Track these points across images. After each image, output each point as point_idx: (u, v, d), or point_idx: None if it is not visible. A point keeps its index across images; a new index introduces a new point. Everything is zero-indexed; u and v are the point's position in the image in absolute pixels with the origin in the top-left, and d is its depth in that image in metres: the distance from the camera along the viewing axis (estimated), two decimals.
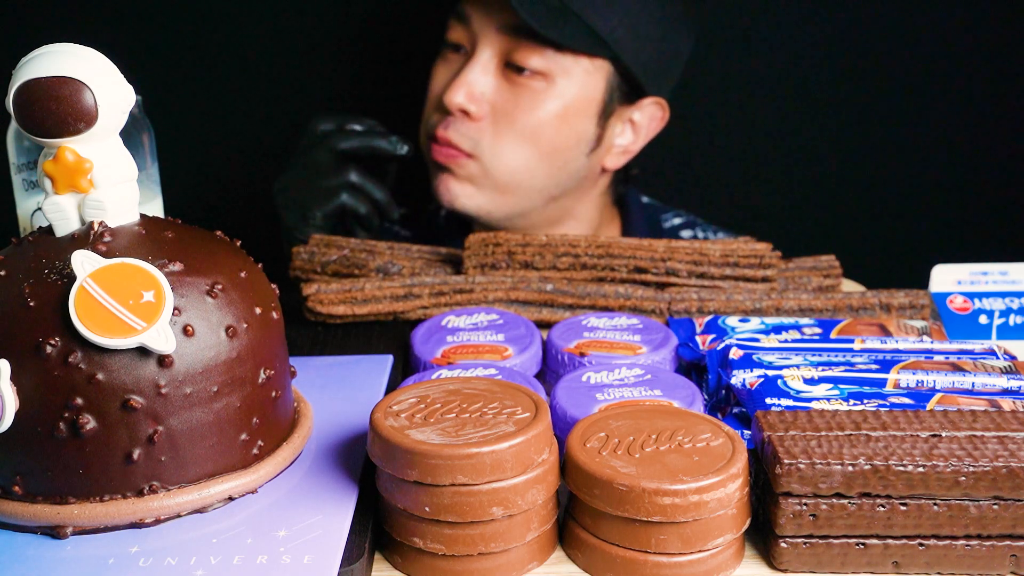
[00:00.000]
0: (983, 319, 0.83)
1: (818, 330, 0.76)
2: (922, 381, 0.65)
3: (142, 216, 0.58)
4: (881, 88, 1.37)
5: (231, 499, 0.56)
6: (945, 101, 1.37)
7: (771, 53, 1.36)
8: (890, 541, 0.53)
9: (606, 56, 1.05)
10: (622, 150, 1.13)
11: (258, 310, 0.58)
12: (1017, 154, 1.38)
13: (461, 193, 1.08)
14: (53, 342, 0.52)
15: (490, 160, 1.06)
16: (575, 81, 1.05)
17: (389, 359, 0.75)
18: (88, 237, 0.55)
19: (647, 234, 1.20)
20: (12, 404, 0.52)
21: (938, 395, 0.63)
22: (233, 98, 1.39)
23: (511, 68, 1.04)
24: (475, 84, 1.04)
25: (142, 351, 0.52)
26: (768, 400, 0.62)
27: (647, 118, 1.12)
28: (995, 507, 0.52)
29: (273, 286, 0.62)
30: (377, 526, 0.56)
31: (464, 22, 1.05)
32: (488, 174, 1.07)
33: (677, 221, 1.25)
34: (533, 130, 1.05)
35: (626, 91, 1.08)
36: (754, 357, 0.68)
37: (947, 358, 0.68)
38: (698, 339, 0.75)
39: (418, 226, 1.28)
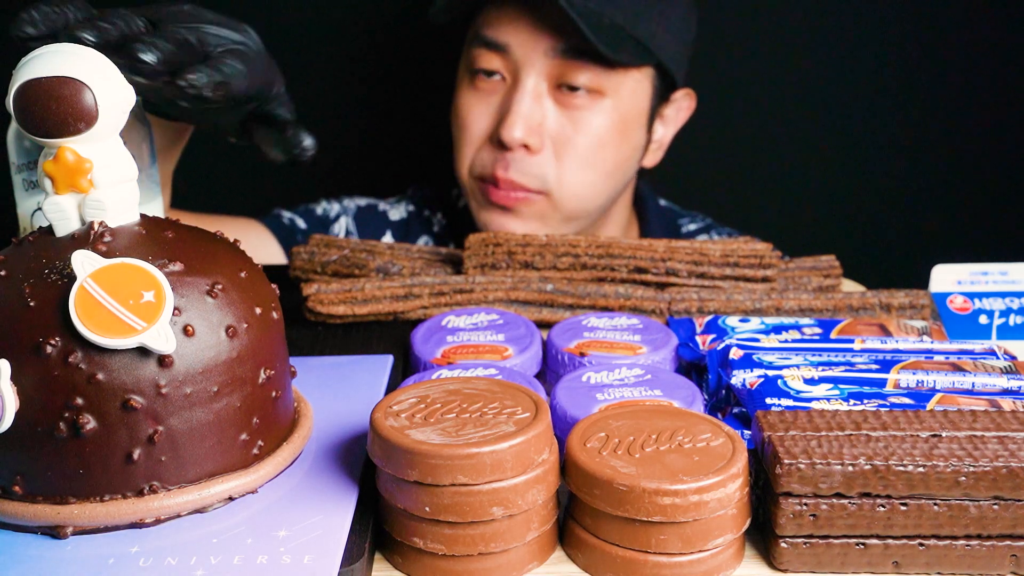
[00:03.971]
0: (983, 319, 0.83)
1: (818, 330, 0.76)
2: (922, 381, 0.65)
3: (142, 216, 0.58)
4: (881, 88, 1.37)
5: (231, 499, 0.56)
6: (945, 101, 1.37)
7: (771, 53, 1.36)
8: (890, 541, 0.53)
9: (651, 63, 1.04)
10: (657, 146, 1.13)
11: (258, 310, 0.58)
12: (1017, 154, 1.38)
13: (524, 231, 1.05)
14: (53, 342, 0.52)
15: (560, 194, 1.04)
16: (626, 94, 1.03)
17: (389, 359, 0.75)
18: (88, 237, 0.55)
19: (663, 228, 1.20)
20: (12, 404, 0.52)
21: (938, 395, 0.63)
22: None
23: (561, 90, 1.01)
24: (531, 115, 1.01)
25: (142, 351, 0.52)
26: (768, 400, 0.62)
27: (676, 110, 1.13)
28: (995, 507, 0.52)
29: (273, 286, 0.62)
30: (377, 526, 0.56)
31: (500, 50, 1.02)
32: (558, 207, 1.05)
33: (693, 227, 1.25)
34: (595, 152, 1.03)
35: (662, 91, 1.08)
36: (754, 357, 0.68)
37: (947, 358, 0.68)
38: (698, 339, 0.75)
39: (443, 207, 1.26)
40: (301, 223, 1.21)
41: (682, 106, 1.13)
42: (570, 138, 1.02)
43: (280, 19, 1.36)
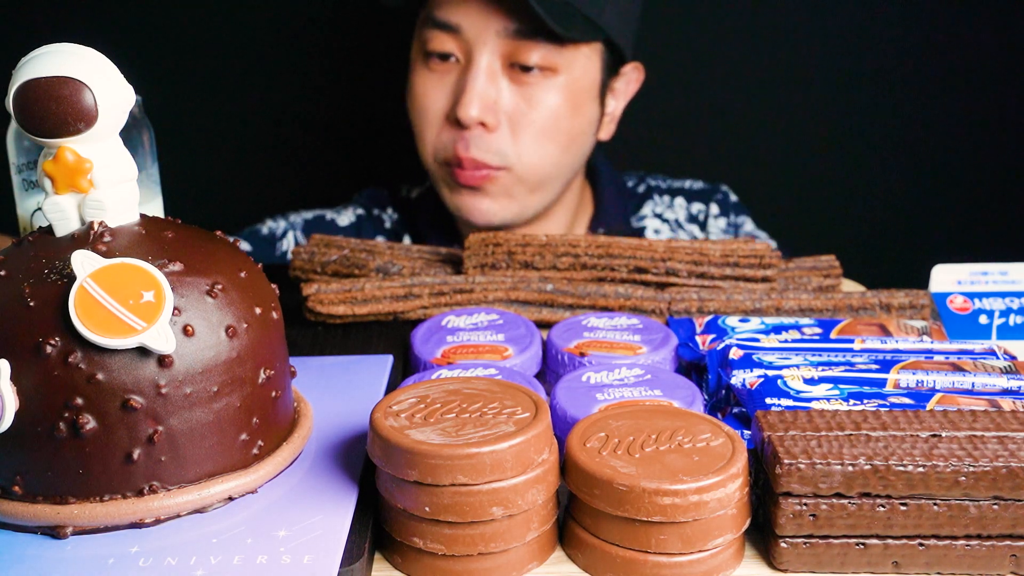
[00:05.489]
0: (983, 319, 0.83)
1: (818, 330, 0.76)
2: (922, 381, 0.65)
3: (142, 216, 0.58)
4: (882, 88, 1.37)
5: (231, 499, 0.56)
6: (946, 101, 1.37)
7: (771, 52, 1.36)
8: (890, 541, 0.53)
9: (600, 39, 1.07)
10: (610, 119, 1.17)
11: (258, 310, 0.58)
12: (1017, 154, 1.39)
13: (497, 209, 1.08)
14: (53, 342, 0.52)
15: (521, 166, 1.06)
16: (578, 69, 1.06)
17: (389, 359, 0.75)
18: (88, 237, 0.55)
19: (617, 197, 1.24)
20: (12, 404, 0.52)
21: (938, 395, 0.63)
22: (233, 98, 1.39)
23: (515, 69, 1.04)
24: (486, 93, 1.03)
25: (142, 351, 0.52)
26: (768, 400, 0.62)
27: (626, 83, 1.16)
28: (995, 507, 0.52)
29: (273, 286, 0.62)
30: (377, 526, 0.56)
31: (452, 31, 1.04)
32: (522, 180, 1.07)
33: (631, 183, 1.28)
34: (551, 126, 1.06)
35: (611, 65, 1.11)
36: (754, 357, 0.68)
37: (947, 358, 0.68)
38: (698, 339, 0.75)
39: (392, 203, 1.27)
40: (245, 246, 1.21)
41: (631, 79, 1.16)
42: (525, 114, 1.05)
43: (229, 20, 1.36)
